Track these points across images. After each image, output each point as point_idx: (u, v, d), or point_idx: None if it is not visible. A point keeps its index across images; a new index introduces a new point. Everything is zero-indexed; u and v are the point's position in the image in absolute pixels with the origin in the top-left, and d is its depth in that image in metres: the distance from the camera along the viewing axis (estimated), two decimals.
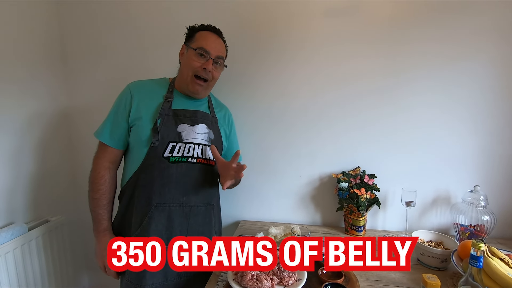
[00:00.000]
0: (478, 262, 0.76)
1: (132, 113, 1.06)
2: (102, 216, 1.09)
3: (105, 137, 1.08)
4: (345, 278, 0.93)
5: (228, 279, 0.90)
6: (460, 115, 1.33)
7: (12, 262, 1.25)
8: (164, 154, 1.04)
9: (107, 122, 1.09)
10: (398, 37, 1.32)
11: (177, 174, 1.06)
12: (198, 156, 1.10)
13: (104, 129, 1.09)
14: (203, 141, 1.11)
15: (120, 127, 1.08)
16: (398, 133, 1.38)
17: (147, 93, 1.10)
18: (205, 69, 1.06)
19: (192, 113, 1.11)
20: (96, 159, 1.11)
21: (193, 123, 1.10)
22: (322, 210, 1.51)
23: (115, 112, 1.09)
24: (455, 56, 1.29)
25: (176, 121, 1.07)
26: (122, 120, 1.07)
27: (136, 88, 1.10)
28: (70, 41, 1.58)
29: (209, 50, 1.06)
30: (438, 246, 1.13)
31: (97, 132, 1.11)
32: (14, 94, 1.34)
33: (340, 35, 1.36)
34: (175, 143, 1.05)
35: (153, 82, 1.15)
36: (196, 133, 1.10)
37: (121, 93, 1.12)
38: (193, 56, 1.07)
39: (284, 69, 1.43)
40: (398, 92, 1.35)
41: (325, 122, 1.43)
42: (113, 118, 1.08)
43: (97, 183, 1.08)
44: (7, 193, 1.32)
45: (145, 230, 1.03)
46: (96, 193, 1.08)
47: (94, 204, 1.08)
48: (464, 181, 1.35)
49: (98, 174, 1.08)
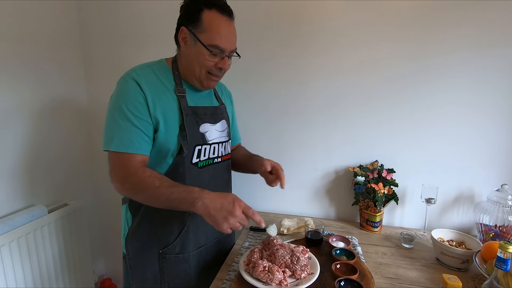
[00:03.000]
0: (506, 265, 0.72)
1: (150, 107, 0.88)
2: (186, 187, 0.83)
3: (141, 147, 0.86)
4: (360, 274, 0.91)
5: (240, 269, 0.90)
6: (488, 111, 1.25)
7: (33, 243, 1.30)
8: (192, 160, 0.94)
9: (127, 128, 0.86)
10: (424, 31, 1.24)
11: (207, 178, 1.00)
12: (222, 154, 1.06)
13: (134, 138, 0.86)
14: (225, 138, 1.07)
15: (150, 129, 0.89)
16: (420, 128, 1.32)
17: (157, 88, 0.91)
18: (220, 68, 0.95)
19: (212, 111, 1.03)
20: (121, 169, 0.86)
21: (215, 121, 1.03)
22: (337, 204, 1.47)
23: (132, 112, 0.86)
24: (484, 50, 1.21)
25: (197, 120, 0.96)
26: (148, 119, 0.88)
27: (141, 80, 0.89)
28: (90, 28, 1.59)
29: (224, 48, 0.90)
30: (459, 246, 1.07)
31: (112, 144, 0.85)
32: (33, 79, 1.37)
33: (364, 30, 1.30)
34: (201, 146, 0.97)
35: (153, 69, 0.95)
36: (218, 131, 1.04)
37: (125, 87, 0.89)
38: (205, 55, 0.90)
39: (305, 61, 1.38)
40: (424, 87, 1.29)
41: (344, 114, 1.39)
42: (135, 120, 0.86)
43: (144, 177, 0.83)
44: (28, 177, 1.36)
45: (185, 237, 0.97)
46: (154, 182, 0.82)
47: (164, 191, 0.81)
48: (491, 179, 1.28)
49: (136, 174, 0.84)
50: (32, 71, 1.36)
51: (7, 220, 1.22)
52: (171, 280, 0.99)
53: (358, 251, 1.13)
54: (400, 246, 1.19)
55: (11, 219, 1.23)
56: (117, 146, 0.86)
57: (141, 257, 0.99)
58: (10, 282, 1.22)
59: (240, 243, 1.19)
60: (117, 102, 0.88)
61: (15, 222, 1.24)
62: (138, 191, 0.85)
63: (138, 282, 1.01)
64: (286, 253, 0.91)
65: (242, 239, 1.23)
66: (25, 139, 1.34)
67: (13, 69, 1.28)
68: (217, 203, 0.78)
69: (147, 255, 0.99)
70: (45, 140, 1.44)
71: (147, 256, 0.99)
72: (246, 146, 1.42)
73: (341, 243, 1.10)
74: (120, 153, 0.86)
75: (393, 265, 1.06)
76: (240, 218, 0.78)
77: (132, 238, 0.99)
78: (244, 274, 0.87)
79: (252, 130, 1.48)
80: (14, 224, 1.24)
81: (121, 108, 0.86)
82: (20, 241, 1.25)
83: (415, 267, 1.05)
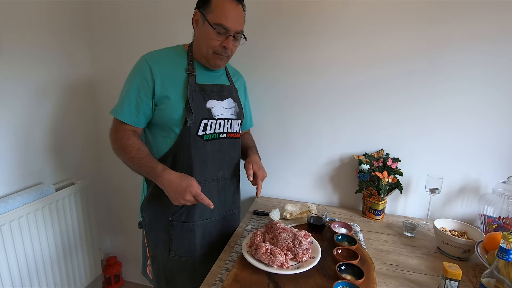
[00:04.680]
0: (508, 255, 0.72)
1: (157, 91, 0.99)
2: (152, 164, 0.98)
3: (126, 116, 1.00)
4: (361, 259, 0.92)
5: (243, 251, 0.91)
6: (499, 101, 1.22)
7: (41, 220, 1.34)
8: (198, 132, 1.02)
9: (126, 100, 1.00)
10: (436, 16, 1.20)
11: (212, 151, 1.06)
12: (227, 131, 1.10)
13: (124, 108, 1.00)
14: (231, 115, 1.12)
15: (144, 106, 1.00)
16: (428, 117, 1.30)
17: (168, 67, 1.02)
18: (224, 47, 0.99)
19: (219, 88, 1.09)
20: (115, 132, 1.02)
21: (221, 98, 1.08)
22: (340, 192, 1.48)
23: (136, 89, 0.99)
24: (496, 39, 1.17)
25: (204, 97, 1.04)
26: (147, 98, 0.99)
27: (154, 62, 1.00)
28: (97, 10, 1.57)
29: (228, 27, 0.96)
30: (461, 236, 1.08)
31: (115, 111, 1.02)
32: (39, 59, 1.36)
33: (376, 12, 1.26)
34: (207, 120, 1.03)
35: (169, 52, 1.06)
36: (225, 108, 1.09)
37: (137, 67, 1.02)
38: (211, 34, 0.97)
39: (312, 44, 1.35)
40: (433, 76, 1.26)
41: (351, 102, 1.37)
42: (135, 96, 0.99)
43: (126, 145, 0.98)
44: (36, 156, 1.38)
45: (190, 207, 1.04)
46: (131, 152, 0.98)
47: (136, 162, 0.98)
48: (498, 171, 1.27)
49: (122, 138, 0.99)
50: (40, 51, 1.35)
51: (16, 196, 1.25)
52: (177, 248, 1.08)
53: (360, 237, 1.14)
54: (401, 234, 1.20)
55: (20, 196, 1.26)
56: (115, 112, 1.01)
57: (154, 224, 1.09)
58: (20, 256, 1.26)
59: (243, 226, 1.21)
60: (129, 77, 1.02)
61: (24, 198, 1.27)
62: (120, 154, 1.01)
63: (152, 247, 1.12)
64: (289, 236, 0.93)
65: (245, 222, 1.25)
66: (34, 120, 1.36)
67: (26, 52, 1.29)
68: (173, 185, 0.95)
69: (159, 223, 1.08)
70: (53, 120, 1.45)
71: (159, 223, 1.08)
72: (252, 130, 1.42)
73: (343, 229, 1.11)
74: (117, 119, 1.01)
75: (394, 252, 1.07)
76: (190, 201, 0.96)
77: (147, 206, 1.09)
78: (246, 255, 0.89)
79: (258, 115, 1.47)
80: (23, 200, 1.27)
81: (128, 82, 1.01)
82: (29, 217, 1.28)
83: (416, 255, 1.06)
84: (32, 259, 1.32)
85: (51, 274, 1.41)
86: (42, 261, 1.36)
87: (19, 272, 1.26)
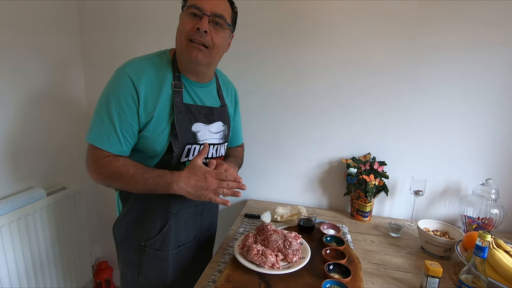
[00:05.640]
0: (483, 252, 0.77)
1: (141, 113, 0.85)
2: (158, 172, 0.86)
3: (110, 144, 0.85)
4: (348, 259, 0.96)
5: (235, 252, 0.94)
6: (478, 108, 1.30)
7: (32, 224, 1.33)
8: (181, 159, 0.93)
9: (107, 123, 0.84)
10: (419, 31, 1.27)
11: None
12: (212, 156, 1.02)
13: (105, 133, 0.84)
14: (218, 140, 1.03)
15: (131, 130, 0.86)
16: (412, 123, 1.36)
17: (152, 82, 0.87)
18: (198, 30, 0.84)
19: (207, 111, 0.98)
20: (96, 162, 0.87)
21: (209, 122, 0.98)
22: (330, 194, 1.52)
23: (119, 109, 0.84)
24: (477, 48, 1.24)
25: (190, 119, 0.92)
26: (133, 120, 0.86)
27: (137, 77, 0.85)
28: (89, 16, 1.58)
29: (202, 6, 0.83)
30: (443, 235, 1.13)
31: (94, 138, 0.86)
32: (32, 64, 1.37)
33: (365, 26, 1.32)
34: (191, 145, 0.93)
35: (153, 62, 0.90)
36: (212, 133, 1.00)
37: (116, 82, 0.85)
38: (184, 18, 0.86)
39: (301, 53, 1.40)
40: (417, 82, 1.32)
41: (340, 109, 1.42)
42: (118, 117, 0.84)
43: (118, 167, 0.85)
44: (27, 160, 1.38)
45: (165, 235, 0.98)
46: (128, 171, 0.84)
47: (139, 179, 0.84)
48: (477, 174, 1.34)
49: (109, 164, 0.85)
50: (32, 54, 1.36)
51: (6, 201, 1.24)
52: (148, 274, 1.01)
53: (348, 238, 1.18)
54: (387, 235, 1.25)
55: (10, 201, 1.26)
56: (94, 139, 0.86)
57: (125, 244, 1.03)
58: (10, 261, 1.25)
59: (235, 228, 1.24)
60: (106, 95, 0.86)
61: (14, 203, 1.27)
62: (114, 181, 0.86)
63: (122, 265, 1.06)
64: (279, 238, 0.96)
65: (237, 225, 1.28)
66: (26, 123, 1.36)
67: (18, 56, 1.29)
68: (192, 182, 0.84)
69: (130, 244, 1.01)
70: (45, 124, 1.45)
71: (130, 245, 1.01)
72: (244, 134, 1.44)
73: (331, 231, 1.15)
74: (96, 147, 0.86)
75: (380, 252, 1.12)
76: (217, 184, 0.85)
77: (120, 225, 1.02)
78: (238, 257, 0.91)
79: (248, 120, 1.50)
80: (13, 205, 1.26)
81: (108, 102, 0.85)
82: (20, 222, 1.28)
83: (401, 254, 1.11)
84: (22, 264, 1.31)
85: (41, 279, 1.40)
86: (32, 266, 1.35)
87: (9, 277, 1.25)
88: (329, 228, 1.16)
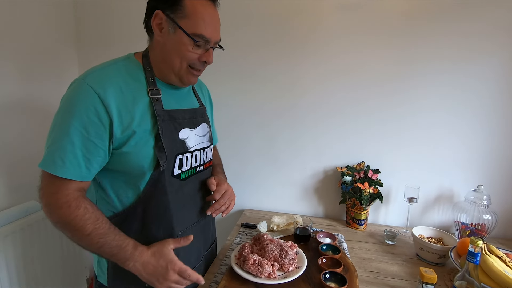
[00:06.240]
0: (475, 258, 0.78)
1: (116, 130, 0.72)
2: (120, 241, 0.74)
3: (71, 170, 0.69)
4: (344, 267, 0.96)
5: (231, 263, 0.94)
6: (467, 117, 1.33)
7: (26, 238, 1.31)
8: (173, 172, 0.82)
9: (68, 147, 0.69)
10: (411, 39, 1.32)
11: (190, 191, 0.89)
12: (204, 162, 0.93)
13: (66, 158, 0.69)
14: (206, 143, 0.95)
15: (98, 152, 0.72)
16: (405, 132, 1.40)
17: (122, 91, 0.74)
18: (204, 62, 0.82)
19: (191, 113, 0.89)
20: (51, 195, 0.71)
21: (194, 126, 0.90)
22: (325, 203, 1.53)
23: (80, 130, 0.70)
24: (465, 59, 1.29)
25: (176, 126, 0.83)
26: (100, 140, 0.72)
27: (103, 88, 0.72)
28: (85, 28, 1.60)
29: (210, 38, 0.78)
30: (437, 242, 1.15)
31: (51, 164, 0.69)
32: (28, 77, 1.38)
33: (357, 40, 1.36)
34: (182, 154, 0.83)
35: (119, 69, 0.78)
36: (199, 137, 0.91)
37: (77, 97, 0.71)
38: (188, 46, 0.77)
39: (295, 63, 1.43)
40: (408, 92, 1.36)
41: (333, 116, 1.45)
42: (81, 139, 0.70)
43: (76, 216, 0.70)
44: (22, 172, 1.37)
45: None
46: (85, 227, 0.70)
47: (94, 241, 0.71)
48: (468, 180, 1.36)
49: (68, 206, 0.70)
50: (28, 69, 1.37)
51: (1, 214, 1.23)
52: None
53: (344, 247, 1.19)
54: (383, 242, 1.26)
55: (4, 214, 1.24)
56: (51, 167, 0.69)
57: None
58: (3, 275, 1.23)
59: (232, 239, 1.24)
60: (62, 111, 0.73)
61: (9, 217, 1.25)
62: (65, 229, 0.72)
63: None
64: (275, 247, 0.96)
65: (233, 235, 1.28)
66: (19, 135, 1.35)
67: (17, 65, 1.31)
68: (150, 267, 0.74)
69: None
70: (39, 136, 1.45)
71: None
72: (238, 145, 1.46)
73: (327, 239, 1.16)
74: (50, 174, 0.69)
75: (376, 260, 1.12)
76: (176, 281, 0.75)
77: (116, 273, 0.83)
78: (235, 267, 0.92)
79: (244, 130, 1.52)
80: (7, 219, 1.25)
81: (64, 119, 0.71)
82: (14, 236, 1.26)
83: (396, 262, 1.11)
84: (16, 279, 1.28)
85: None
86: (26, 280, 1.33)
87: None
88: (325, 237, 1.17)
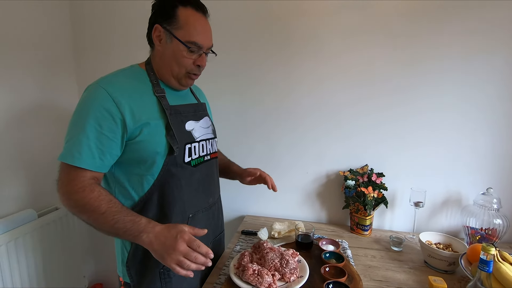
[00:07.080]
0: (488, 266, 0.73)
1: (129, 124, 0.82)
2: (133, 217, 0.79)
3: (86, 161, 0.79)
4: (348, 276, 0.92)
5: (230, 273, 0.90)
6: (475, 117, 1.28)
7: (22, 248, 1.29)
8: (184, 159, 0.91)
9: (84, 140, 0.79)
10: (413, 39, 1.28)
11: (200, 177, 0.97)
12: (210, 152, 1.03)
13: (82, 150, 0.78)
14: (211, 135, 1.05)
15: (111, 144, 0.82)
16: (409, 133, 1.35)
17: (133, 92, 0.86)
18: (198, 66, 0.93)
19: (194, 108, 1.01)
20: (69, 183, 0.80)
21: (198, 118, 1.00)
22: (328, 208, 1.49)
23: (95, 125, 0.79)
24: (470, 57, 1.25)
25: (182, 119, 0.94)
26: (113, 134, 0.81)
27: (115, 89, 0.83)
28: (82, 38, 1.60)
29: (202, 44, 0.89)
30: (446, 248, 1.10)
31: (69, 156, 0.79)
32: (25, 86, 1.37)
33: (353, 36, 1.33)
34: (190, 144, 0.93)
35: (127, 75, 0.91)
36: (204, 128, 1.02)
37: (92, 98, 0.82)
38: (183, 52, 0.88)
39: (295, 66, 1.40)
40: (413, 92, 1.32)
41: (335, 119, 1.41)
42: (96, 133, 0.79)
43: (91, 198, 0.78)
44: (18, 181, 1.35)
45: None
46: (100, 206, 0.78)
47: (109, 219, 0.77)
48: (477, 183, 1.31)
49: (83, 191, 0.78)
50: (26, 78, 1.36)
51: None
52: None
53: (348, 254, 1.14)
54: (389, 249, 1.21)
55: (0, 223, 1.22)
56: (69, 158, 0.78)
57: (145, 280, 0.91)
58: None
59: (232, 247, 1.20)
60: (81, 112, 0.82)
61: (4, 226, 1.23)
62: (82, 212, 0.79)
63: None
64: (276, 256, 0.92)
65: (233, 243, 1.24)
66: (15, 143, 1.34)
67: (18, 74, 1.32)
68: (161, 238, 0.76)
69: (151, 277, 0.91)
70: (36, 144, 1.43)
71: (151, 278, 0.90)
72: (238, 150, 1.43)
73: (331, 247, 1.11)
74: (68, 165, 0.79)
75: (382, 268, 1.07)
76: (185, 253, 0.73)
77: (133, 262, 0.91)
78: (234, 277, 0.88)
79: (244, 134, 1.49)
80: (3, 228, 1.22)
81: (84, 119, 0.80)
82: (9, 246, 1.23)
83: (403, 269, 1.06)
84: None
85: None
86: None
87: None
88: (328, 244, 1.13)
